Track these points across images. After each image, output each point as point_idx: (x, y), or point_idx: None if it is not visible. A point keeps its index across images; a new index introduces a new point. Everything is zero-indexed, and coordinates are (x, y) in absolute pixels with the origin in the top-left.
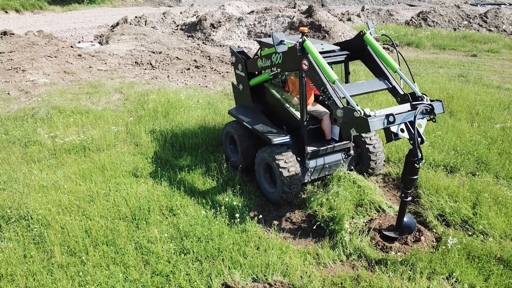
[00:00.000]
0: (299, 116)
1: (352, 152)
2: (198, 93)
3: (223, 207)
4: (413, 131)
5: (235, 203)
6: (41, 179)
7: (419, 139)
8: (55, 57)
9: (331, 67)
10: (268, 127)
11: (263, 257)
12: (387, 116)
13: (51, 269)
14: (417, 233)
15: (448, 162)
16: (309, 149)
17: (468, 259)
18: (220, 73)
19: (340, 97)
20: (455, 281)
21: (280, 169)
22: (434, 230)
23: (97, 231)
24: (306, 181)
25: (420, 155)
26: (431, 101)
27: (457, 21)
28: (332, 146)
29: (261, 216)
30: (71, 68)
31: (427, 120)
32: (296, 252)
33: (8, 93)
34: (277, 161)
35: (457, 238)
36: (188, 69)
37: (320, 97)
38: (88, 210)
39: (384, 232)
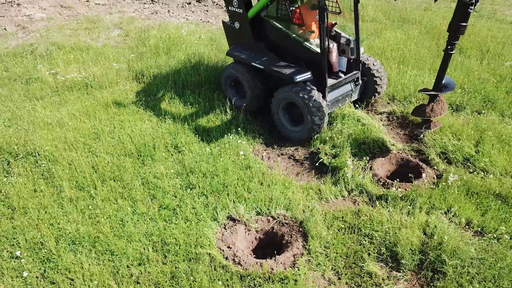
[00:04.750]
0: (316, 49)
1: (360, 81)
2: (200, 29)
3: (227, 145)
4: None
5: (239, 140)
6: (45, 116)
7: None
8: None
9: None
10: (282, 65)
11: (266, 192)
12: None
13: (62, 203)
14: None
15: (454, 101)
16: (329, 82)
17: (467, 195)
18: (222, 8)
19: None
20: (453, 216)
21: (310, 106)
22: (436, 168)
23: (103, 167)
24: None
25: None
26: None
27: None
28: (346, 77)
29: (265, 153)
30: (67, 2)
31: None
32: (299, 187)
33: (5, 29)
34: (306, 100)
35: (457, 175)
36: (189, 3)
37: None
38: (94, 147)
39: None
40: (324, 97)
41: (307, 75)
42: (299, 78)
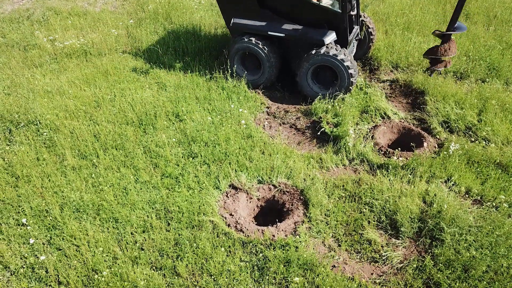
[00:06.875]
0: (335, 10)
1: (359, 36)
2: None
3: (228, 114)
4: None
5: (240, 109)
6: (44, 84)
7: None
8: None
9: None
10: (303, 29)
11: (268, 161)
12: None
13: (65, 171)
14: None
15: (458, 68)
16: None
17: (468, 164)
18: None
19: None
20: (453, 184)
21: (347, 66)
22: (437, 137)
23: (105, 136)
24: None
25: None
26: None
27: None
28: (353, 33)
29: (266, 122)
30: None
31: None
32: (300, 156)
33: None
34: (344, 62)
35: (459, 144)
36: None
37: None
38: (95, 115)
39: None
40: None
41: (334, 36)
42: (329, 40)
